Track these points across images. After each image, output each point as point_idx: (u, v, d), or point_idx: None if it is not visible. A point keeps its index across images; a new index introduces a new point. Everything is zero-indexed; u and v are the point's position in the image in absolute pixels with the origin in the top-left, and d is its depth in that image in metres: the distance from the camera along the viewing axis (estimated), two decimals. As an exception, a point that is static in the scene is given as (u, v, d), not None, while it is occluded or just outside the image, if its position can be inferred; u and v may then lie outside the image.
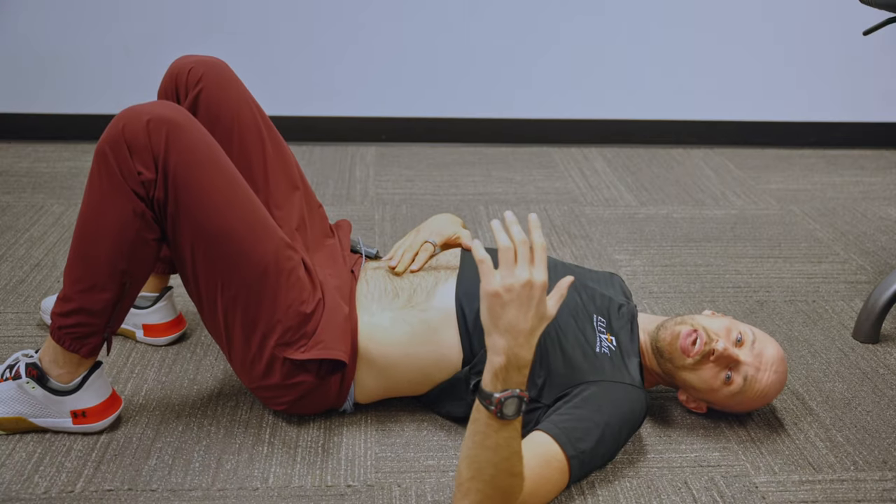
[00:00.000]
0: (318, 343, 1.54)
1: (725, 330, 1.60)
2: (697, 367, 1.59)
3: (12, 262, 2.30)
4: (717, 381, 1.59)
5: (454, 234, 1.79)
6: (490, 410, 1.32)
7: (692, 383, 1.62)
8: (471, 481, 1.36)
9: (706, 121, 3.48)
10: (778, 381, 1.62)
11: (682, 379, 1.63)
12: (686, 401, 1.69)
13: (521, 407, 1.33)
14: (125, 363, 1.86)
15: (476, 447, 1.35)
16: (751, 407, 1.67)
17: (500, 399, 1.31)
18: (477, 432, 1.35)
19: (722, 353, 1.57)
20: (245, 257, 1.50)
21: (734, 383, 1.59)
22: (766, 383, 1.60)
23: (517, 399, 1.32)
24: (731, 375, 1.59)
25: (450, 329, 1.59)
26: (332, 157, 3.22)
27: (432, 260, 1.74)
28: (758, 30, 3.38)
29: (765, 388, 1.61)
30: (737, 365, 1.59)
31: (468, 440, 1.37)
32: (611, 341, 1.62)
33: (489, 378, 1.32)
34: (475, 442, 1.35)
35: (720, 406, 1.67)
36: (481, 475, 1.36)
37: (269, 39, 3.26)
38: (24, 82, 3.24)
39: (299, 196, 1.77)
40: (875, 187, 3.10)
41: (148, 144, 1.44)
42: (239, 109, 1.72)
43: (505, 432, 1.33)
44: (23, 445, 1.59)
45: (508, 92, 3.40)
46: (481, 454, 1.35)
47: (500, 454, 1.34)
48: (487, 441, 1.34)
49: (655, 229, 2.67)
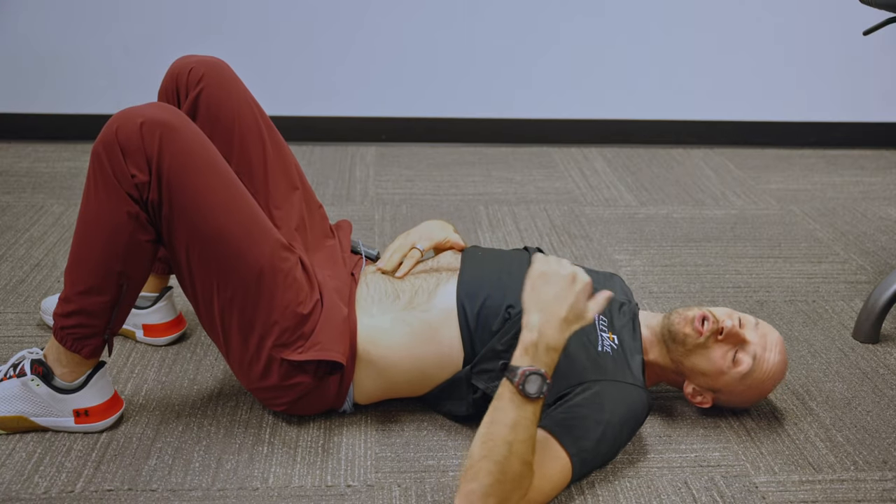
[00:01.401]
0: (315, 344, 1.54)
1: (727, 314, 1.63)
2: (706, 347, 1.61)
3: (12, 262, 2.30)
4: (725, 361, 1.61)
5: (444, 239, 1.80)
6: (513, 383, 1.36)
7: (701, 367, 1.62)
8: (482, 461, 1.36)
9: (706, 121, 3.48)
10: (782, 364, 1.64)
11: (691, 364, 1.63)
12: (692, 394, 1.68)
13: (543, 388, 1.37)
14: (125, 363, 1.86)
15: (493, 424, 1.37)
16: (756, 394, 1.66)
17: (526, 373, 1.36)
18: (497, 409, 1.38)
19: (730, 331, 1.59)
20: (240, 258, 1.50)
21: (742, 363, 1.60)
22: (772, 363, 1.62)
23: (541, 377, 1.36)
24: (739, 355, 1.60)
25: (451, 328, 1.59)
26: (332, 157, 3.22)
27: (433, 262, 1.74)
28: (758, 30, 3.38)
29: (772, 369, 1.62)
30: (744, 344, 1.61)
31: (486, 419, 1.39)
32: (613, 340, 1.63)
33: (519, 353, 1.39)
34: (493, 419, 1.38)
35: (727, 394, 1.66)
36: (493, 454, 1.35)
37: (269, 39, 3.26)
38: (24, 82, 3.24)
39: (299, 196, 1.77)
40: (875, 187, 3.10)
41: (141, 147, 1.44)
42: (239, 109, 1.72)
43: (524, 411, 1.36)
44: (23, 445, 1.59)
45: (508, 92, 3.40)
46: (498, 431, 1.36)
47: (517, 433, 1.36)
48: (506, 417, 1.36)
49: (655, 229, 2.67)
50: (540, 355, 1.38)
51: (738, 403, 1.71)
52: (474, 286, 1.61)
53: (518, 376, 1.36)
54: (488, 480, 1.35)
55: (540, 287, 1.42)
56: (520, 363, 1.38)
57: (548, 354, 1.39)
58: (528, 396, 1.36)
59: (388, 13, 3.27)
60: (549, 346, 1.38)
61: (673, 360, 1.65)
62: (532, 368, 1.37)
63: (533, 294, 1.42)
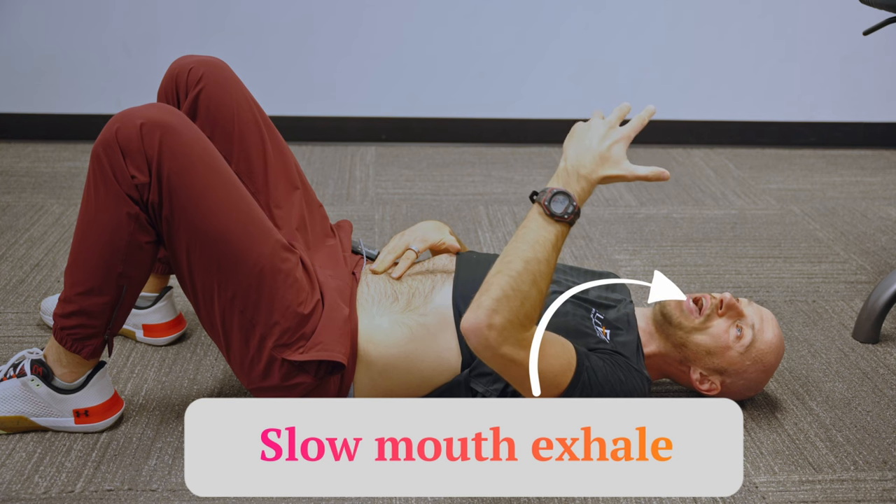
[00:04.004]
0: (316, 344, 1.54)
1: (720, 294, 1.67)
2: (707, 325, 1.63)
3: (12, 262, 2.30)
4: (728, 335, 1.62)
5: (439, 241, 1.79)
6: (539, 201, 1.39)
7: (705, 346, 1.63)
8: (496, 276, 1.37)
9: (706, 121, 3.48)
10: (780, 338, 1.67)
11: (695, 345, 1.63)
12: (700, 380, 1.67)
13: (569, 209, 1.38)
14: (125, 363, 1.86)
15: (514, 241, 1.39)
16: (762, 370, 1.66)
17: (554, 190, 1.39)
18: (521, 227, 1.40)
19: (728, 302, 1.62)
20: (241, 259, 1.50)
21: (745, 336, 1.62)
22: (771, 335, 1.64)
23: (568, 198, 1.38)
24: (740, 328, 1.62)
25: (448, 332, 1.58)
26: (332, 157, 3.22)
27: (429, 263, 1.74)
28: (758, 30, 3.38)
29: (772, 341, 1.64)
30: (742, 318, 1.63)
31: (509, 243, 1.40)
32: (605, 334, 1.63)
33: (553, 179, 1.42)
34: (515, 237, 1.40)
35: (734, 375, 1.65)
36: (508, 269, 1.36)
37: (269, 39, 3.26)
38: (24, 82, 3.24)
39: (299, 196, 1.77)
40: (875, 187, 3.10)
41: (141, 148, 1.44)
42: (239, 109, 1.72)
43: (546, 231, 1.38)
44: (23, 445, 1.59)
45: (508, 92, 3.40)
46: (517, 247, 1.38)
47: (535, 251, 1.37)
48: (528, 235, 1.38)
49: (655, 229, 2.67)
50: (571, 181, 1.40)
51: (744, 387, 1.69)
52: (469, 290, 1.60)
53: (546, 194, 1.38)
54: (497, 294, 1.35)
55: (579, 132, 1.45)
56: (551, 185, 1.40)
57: (579, 183, 1.40)
58: (553, 215, 1.37)
59: (388, 13, 3.27)
60: (582, 175, 1.40)
61: (675, 346, 1.65)
62: (560, 188, 1.39)
63: (572, 139, 1.44)
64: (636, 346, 1.64)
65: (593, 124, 1.46)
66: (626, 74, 3.40)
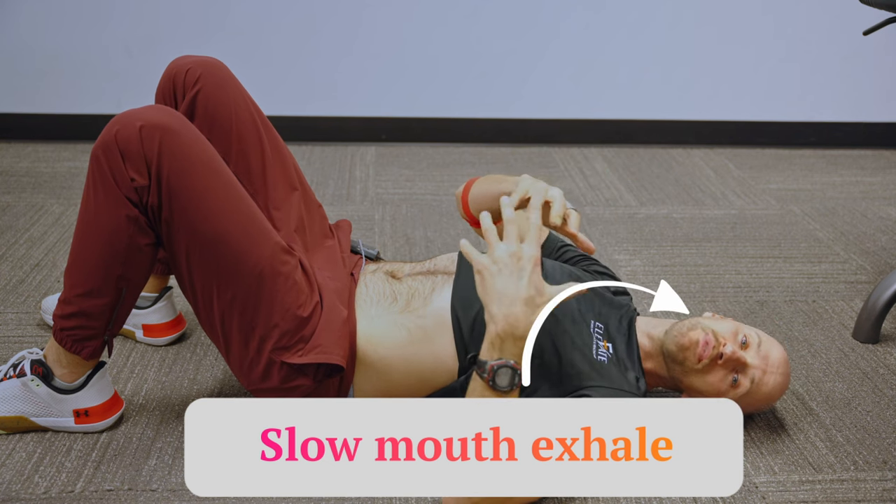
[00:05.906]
0: (315, 347, 1.54)
1: (732, 333, 1.59)
2: (706, 371, 1.58)
3: (12, 262, 2.30)
4: (724, 384, 1.58)
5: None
6: (483, 379, 1.34)
7: (699, 388, 1.60)
8: None
9: (706, 121, 3.48)
10: (783, 384, 1.62)
11: (689, 383, 1.61)
12: None
13: (515, 379, 1.34)
14: (125, 363, 1.86)
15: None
16: (753, 409, 1.66)
17: (494, 367, 1.34)
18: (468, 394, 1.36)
19: (730, 357, 1.56)
20: (240, 262, 1.50)
21: (741, 386, 1.58)
22: (772, 385, 1.60)
23: (511, 370, 1.34)
24: (738, 378, 1.57)
25: (445, 336, 1.57)
26: (332, 157, 3.22)
27: (430, 264, 1.73)
28: (758, 29, 3.38)
29: (771, 391, 1.60)
30: (744, 368, 1.57)
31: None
32: (607, 348, 1.61)
33: (486, 347, 1.36)
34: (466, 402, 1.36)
35: None
36: None
37: (269, 39, 3.26)
38: (24, 82, 3.24)
39: (298, 197, 1.77)
40: (875, 187, 3.10)
41: (141, 150, 1.44)
42: (237, 110, 1.71)
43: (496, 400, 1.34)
44: (23, 445, 1.59)
45: (508, 92, 3.40)
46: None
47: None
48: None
49: (655, 229, 2.67)
50: (507, 347, 1.34)
51: None
52: (469, 292, 1.58)
53: (487, 371, 1.34)
54: None
55: (490, 283, 1.34)
56: (487, 357, 1.35)
57: (515, 345, 1.34)
58: (500, 390, 1.34)
59: (389, 13, 3.27)
60: (515, 335, 1.33)
61: (671, 377, 1.64)
62: (500, 362, 1.34)
63: (489, 294, 1.35)
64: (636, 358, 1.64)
65: (500, 261, 1.33)
66: (626, 74, 3.40)
